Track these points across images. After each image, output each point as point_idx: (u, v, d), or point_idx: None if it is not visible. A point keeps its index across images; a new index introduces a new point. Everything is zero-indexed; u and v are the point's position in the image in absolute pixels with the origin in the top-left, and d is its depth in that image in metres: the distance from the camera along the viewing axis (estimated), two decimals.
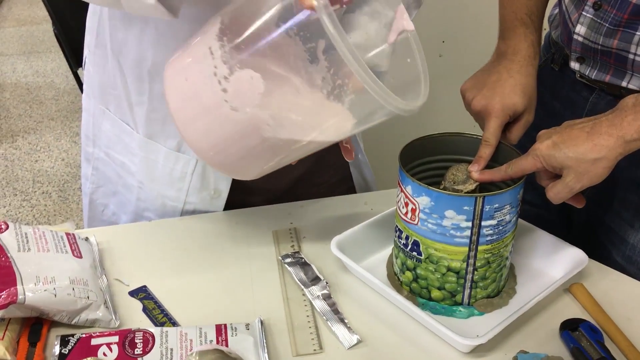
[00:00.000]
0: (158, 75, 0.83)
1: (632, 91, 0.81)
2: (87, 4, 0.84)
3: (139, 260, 0.85)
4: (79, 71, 1.96)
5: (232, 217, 0.94)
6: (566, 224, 1.02)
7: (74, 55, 1.88)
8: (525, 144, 0.80)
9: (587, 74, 0.86)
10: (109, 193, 0.98)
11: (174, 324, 0.75)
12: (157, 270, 0.83)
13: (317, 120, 0.68)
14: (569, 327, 0.73)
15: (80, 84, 2.03)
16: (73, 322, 0.72)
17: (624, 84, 0.82)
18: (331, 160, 1.03)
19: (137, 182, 0.93)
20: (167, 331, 0.70)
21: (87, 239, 0.84)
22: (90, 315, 0.72)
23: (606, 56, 0.82)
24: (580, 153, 0.68)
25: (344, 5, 0.67)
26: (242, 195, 0.94)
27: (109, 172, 0.97)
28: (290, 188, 1.00)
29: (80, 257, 0.78)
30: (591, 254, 0.83)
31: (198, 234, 0.90)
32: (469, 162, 0.78)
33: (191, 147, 0.70)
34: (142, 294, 0.79)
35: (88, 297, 0.73)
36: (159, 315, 0.76)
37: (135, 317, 0.76)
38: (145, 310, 0.77)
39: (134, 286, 0.80)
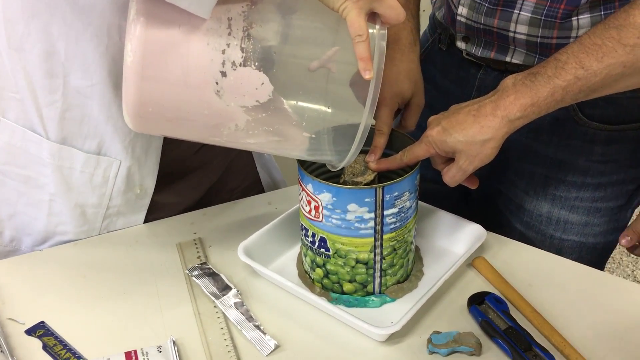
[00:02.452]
0: (75, 66, 0.75)
1: (516, 65, 0.85)
2: None
3: (33, 295, 0.79)
4: None
5: (131, 235, 0.89)
6: (464, 196, 1.05)
7: None
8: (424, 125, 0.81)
9: (473, 52, 0.89)
10: (3, 218, 0.90)
11: (79, 358, 0.70)
12: (55, 303, 0.78)
13: (282, 139, 0.66)
14: (476, 301, 0.75)
15: None
16: None
17: (507, 59, 0.86)
18: (240, 165, 1.00)
19: (48, 196, 0.85)
20: None
21: None
22: None
23: (489, 34, 0.84)
24: (469, 136, 0.70)
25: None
26: (150, 212, 0.90)
27: (4, 193, 0.87)
28: (203, 198, 0.96)
29: None
30: (491, 224, 0.86)
31: (96, 257, 0.85)
32: (366, 152, 0.79)
33: (127, 93, 0.62)
34: (40, 330, 0.74)
35: None
36: (62, 351, 0.71)
37: (35, 356, 0.70)
38: (45, 348, 0.71)
39: (30, 323, 0.74)
